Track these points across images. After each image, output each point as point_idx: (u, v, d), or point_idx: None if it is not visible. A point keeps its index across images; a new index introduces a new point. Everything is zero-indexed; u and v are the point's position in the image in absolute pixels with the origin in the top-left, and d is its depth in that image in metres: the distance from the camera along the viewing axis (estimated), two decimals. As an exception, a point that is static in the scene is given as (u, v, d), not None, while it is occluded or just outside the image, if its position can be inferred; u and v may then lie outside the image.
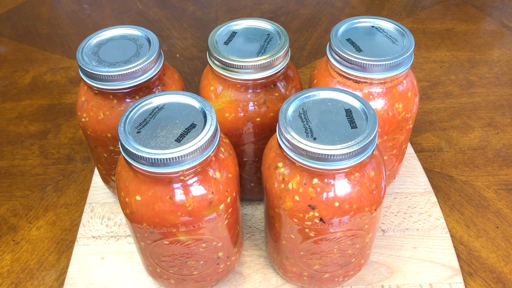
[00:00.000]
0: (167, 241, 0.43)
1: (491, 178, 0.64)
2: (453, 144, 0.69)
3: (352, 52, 0.47)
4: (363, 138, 0.38)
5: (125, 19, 0.98)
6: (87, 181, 0.65)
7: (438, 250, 0.55)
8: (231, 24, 0.53)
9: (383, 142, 0.52)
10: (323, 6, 1.01)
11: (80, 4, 1.03)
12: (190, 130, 0.40)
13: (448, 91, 0.79)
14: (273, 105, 0.51)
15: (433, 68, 0.84)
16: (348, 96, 0.42)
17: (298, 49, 0.89)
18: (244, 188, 0.58)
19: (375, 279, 0.53)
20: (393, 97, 0.49)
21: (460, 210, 0.60)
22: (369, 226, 0.44)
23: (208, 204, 0.41)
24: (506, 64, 0.84)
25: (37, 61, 0.88)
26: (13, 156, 0.70)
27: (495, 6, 1.00)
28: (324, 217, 0.41)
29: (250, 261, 0.55)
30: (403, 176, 0.63)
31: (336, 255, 0.46)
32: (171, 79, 0.53)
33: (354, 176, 0.40)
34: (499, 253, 0.56)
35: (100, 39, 0.51)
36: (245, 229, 0.58)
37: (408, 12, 0.98)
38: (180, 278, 0.48)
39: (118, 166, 0.44)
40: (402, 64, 0.47)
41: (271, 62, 0.48)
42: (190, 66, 0.86)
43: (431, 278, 0.52)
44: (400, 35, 0.50)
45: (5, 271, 0.56)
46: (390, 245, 0.56)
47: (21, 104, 0.79)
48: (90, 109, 0.50)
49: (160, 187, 0.40)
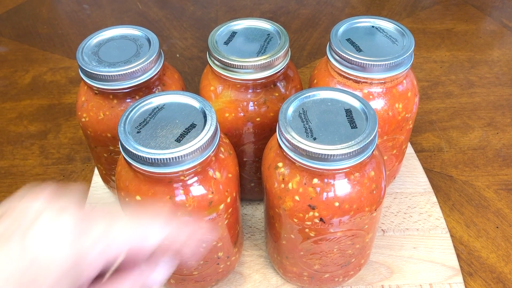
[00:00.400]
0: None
1: (491, 178, 0.64)
2: (453, 144, 0.69)
3: (352, 52, 0.47)
4: (363, 138, 0.38)
5: (125, 19, 0.98)
6: (87, 181, 0.65)
7: (438, 250, 0.55)
8: (231, 24, 0.53)
9: (383, 142, 0.52)
10: (323, 6, 1.01)
11: (80, 4, 1.03)
12: (190, 130, 0.40)
13: (448, 91, 0.79)
14: (273, 105, 0.51)
15: (433, 68, 0.83)
16: (348, 96, 0.42)
17: (298, 49, 0.89)
18: (244, 188, 0.58)
19: (375, 279, 0.53)
20: (393, 97, 0.49)
21: (460, 210, 0.60)
22: (369, 226, 0.44)
23: (208, 204, 0.41)
24: (506, 64, 0.84)
25: (37, 61, 0.88)
26: (13, 156, 0.70)
27: (495, 6, 1.00)
28: (324, 217, 0.41)
29: (250, 261, 0.55)
30: (403, 176, 0.63)
31: (336, 255, 0.46)
32: (171, 79, 0.53)
33: (354, 176, 0.40)
34: (499, 253, 0.56)
35: (100, 39, 0.51)
36: (245, 229, 0.58)
37: (408, 12, 0.98)
38: (180, 278, 0.48)
39: (118, 166, 0.44)
40: (402, 64, 0.47)
41: (271, 62, 0.48)
42: (190, 66, 0.86)
43: (431, 278, 0.52)
44: (400, 35, 0.50)
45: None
46: (390, 245, 0.56)
47: (21, 104, 0.78)
48: (90, 109, 0.50)
49: (160, 187, 0.40)
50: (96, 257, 0.28)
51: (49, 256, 0.26)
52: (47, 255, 0.26)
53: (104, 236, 0.28)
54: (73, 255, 0.27)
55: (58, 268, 0.26)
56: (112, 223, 0.29)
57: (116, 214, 0.30)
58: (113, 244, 0.28)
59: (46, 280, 0.26)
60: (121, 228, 0.29)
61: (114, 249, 0.29)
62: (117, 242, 0.29)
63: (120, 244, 0.29)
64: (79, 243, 0.27)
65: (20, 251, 0.26)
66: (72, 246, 0.27)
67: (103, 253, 0.28)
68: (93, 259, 0.28)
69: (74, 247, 0.27)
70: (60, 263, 0.27)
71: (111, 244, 0.28)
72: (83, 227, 0.28)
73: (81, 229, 0.28)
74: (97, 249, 0.28)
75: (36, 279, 0.26)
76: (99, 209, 0.30)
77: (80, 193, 0.30)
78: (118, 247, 0.29)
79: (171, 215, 0.32)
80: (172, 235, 0.31)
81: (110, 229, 0.29)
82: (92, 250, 0.28)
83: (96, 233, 0.28)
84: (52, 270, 0.26)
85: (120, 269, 0.30)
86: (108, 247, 0.28)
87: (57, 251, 0.27)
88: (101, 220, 0.29)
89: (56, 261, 0.26)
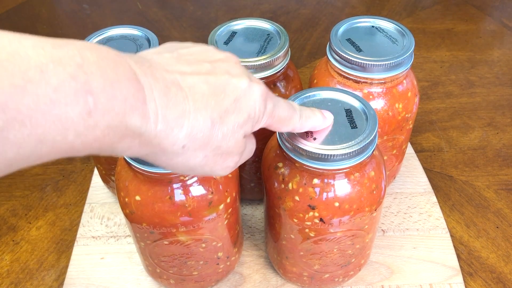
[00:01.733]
0: (166, 241, 0.43)
1: (491, 178, 0.64)
2: (453, 144, 0.69)
3: (352, 52, 0.47)
4: (363, 138, 0.38)
5: (125, 19, 0.98)
6: (87, 181, 0.65)
7: (438, 250, 0.55)
8: (231, 24, 0.53)
9: (383, 142, 0.52)
10: (323, 6, 1.01)
11: (80, 4, 1.03)
12: (190, 130, 0.40)
13: (448, 91, 0.79)
14: (273, 105, 0.51)
15: (433, 68, 0.83)
16: (348, 96, 0.42)
17: (298, 49, 0.89)
18: (244, 188, 0.58)
19: (375, 279, 0.52)
20: (393, 97, 0.49)
21: (460, 210, 0.60)
22: (369, 226, 0.44)
23: (208, 204, 0.41)
24: (506, 64, 0.84)
25: (37, 61, 0.88)
26: (12, 156, 0.70)
27: (495, 6, 1.00)
28: (324, 217, 0.41)
29: (250, 261, 0.55)
30: (403, 176, 0.63)
31: (336, 255, 0.46)
32: (171, 79, 0.53)
33: (354, 176, 0.40)
34: (499, 253, 0.56)
35: (100, 39, 0.51)
36: (245, 229, 0.58)
37: (408, 12, 0.98)
38: (180, 278, 0.48)
39: (117, 166, 0.44)
40: (402, 64, 0.47)
41: (271, 62, 0.48)
42: (190, 66, 0.86)
43: (431, 278, 0.52)
44: (400, 35, 0.50)
45: (4, 271, 0.56)
46: (390, 245, 0.56)
47: (21, 104, 0.78)
48: (89, 109, 0.50)
49: (159, 187, 0.40)
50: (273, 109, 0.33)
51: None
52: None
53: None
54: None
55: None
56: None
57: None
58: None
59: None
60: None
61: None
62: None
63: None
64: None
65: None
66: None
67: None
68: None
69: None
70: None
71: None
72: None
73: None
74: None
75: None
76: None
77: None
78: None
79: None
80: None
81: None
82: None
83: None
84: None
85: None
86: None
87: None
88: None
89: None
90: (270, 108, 0.33)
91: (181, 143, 0.28)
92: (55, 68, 0.22)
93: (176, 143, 0.28)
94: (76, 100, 0.22)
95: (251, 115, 0.31)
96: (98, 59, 0.24)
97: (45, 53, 0.22)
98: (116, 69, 0.24)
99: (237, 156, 0.32)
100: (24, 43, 0.22)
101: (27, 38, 0.22)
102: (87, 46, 0.24)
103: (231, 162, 0.32)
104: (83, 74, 0.22)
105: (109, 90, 0.23)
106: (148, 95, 0.26)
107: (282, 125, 0.35)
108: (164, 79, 0.27)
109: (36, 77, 0.21)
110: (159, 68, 0.28)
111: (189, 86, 0.28)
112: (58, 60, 0.22)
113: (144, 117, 0.25)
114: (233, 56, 0.33)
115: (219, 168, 0.32)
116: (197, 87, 0.28)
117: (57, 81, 0.21)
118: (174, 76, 0.28)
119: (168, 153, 0.28)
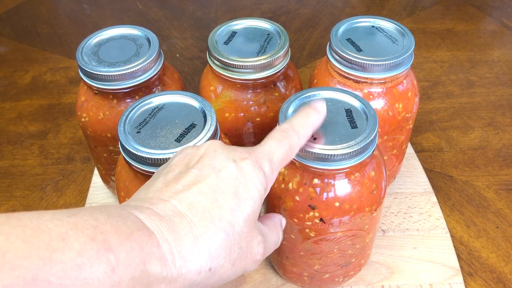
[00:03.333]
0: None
1: (491, 178, 0.64)
2: (453, 144, 0.69)
3: (352, 52, 0.47)
4: (363, 138, 0.38)
5: (125, 19, 0.98)
6: (87, 181, 0.65)
7: (438, 250, 0.55)
8: (231, 24, 0.53)
9: (383, 142, 0.52)
10: (323, 6, 1.01)
11: (80, 4, 1.03)
12: (190, 130, 0.40)
13: (448, 91, 0.79)
14: (273, 105, 0.51)
15: (433, 68, 0.83)
16: (348, 96, 0.42)
17: (298, 49, 0.89)
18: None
19: (375, 279, 0.52)
20: (393, 97, 0.49)
21: (460, 210, 0.60)
22: (369, 226, 0.44)
23: (208, 204, 0.41)
24: (506, 64, 0.84)
25: (37, 61, 0.88)
26: (13, 156, 0.70)
27: (495, 6, 1.00)
28: (324, 217, 0.41)
29: (250, 261, 0.55)
30: (403, 176, 0.63)
31: (336, 255, 0.46)
32: (171, 79, 0.53)
33: (354, 176, 0.40)
34: (499, 253, 0.56)
35: (100, 39, 0.51)
36: (245, 229, 0.58)
37: (408, 12, 0.98)
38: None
39: (118, 166, 0.44)
40: (402, 64, 0.47)
41: (271, 62, 0.48)
42: (190, 66, 0.86)
43: (431, 278, 0.52)
44: (400, 35, 0.50)
45: (4, 271, 0.55)
46: (390, 245, 0.56)
47: (21, 104, 0.78)
48: (90, 109, 0.50)
49: (160, 187, 0.40)
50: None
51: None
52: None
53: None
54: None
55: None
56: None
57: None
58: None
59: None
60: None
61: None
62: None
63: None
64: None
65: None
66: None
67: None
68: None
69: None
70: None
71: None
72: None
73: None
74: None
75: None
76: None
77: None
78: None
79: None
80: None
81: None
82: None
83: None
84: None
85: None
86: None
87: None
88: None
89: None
90: (267, 168, 0.32)
91: (207, 267, 0.28)
92: (75, 234, 0.23)
93: (201, 270, 0.28)
94: (99, 259, 0.23)
95: (255, 196, 0.31)
96: (108, 217, 0.25)
97: (62, 223, 0.24)
98: (125, 222, 0.26)
99: (261, 243, 0.32)
100: (42, 218, 0.23)
101: (44, 214, 0.24)
102: (95, 209, 0.26)
103: (259, 255, 0.32)
104: (99, 233, 0.24)
105: (126, 243, 0.25)
106: (160, 237, 0.27)
107: (291, 156, 0.34)
108: (166, 214, 0.28)
109: (60, 245, 0.23)
110: (155, 203, 0.29)
111: (188, 206, 0.28)
112: (75, 226, 0.24)
113: (162, 260, 0.26)
114: (212, 144, 0.32)
115: (250, 264, 0.32)
116: (195, 203, 0.29)
117: (79, 244, 0.23)
118: (171, 204, 0.28)
119: (198, 282, 0.28)
